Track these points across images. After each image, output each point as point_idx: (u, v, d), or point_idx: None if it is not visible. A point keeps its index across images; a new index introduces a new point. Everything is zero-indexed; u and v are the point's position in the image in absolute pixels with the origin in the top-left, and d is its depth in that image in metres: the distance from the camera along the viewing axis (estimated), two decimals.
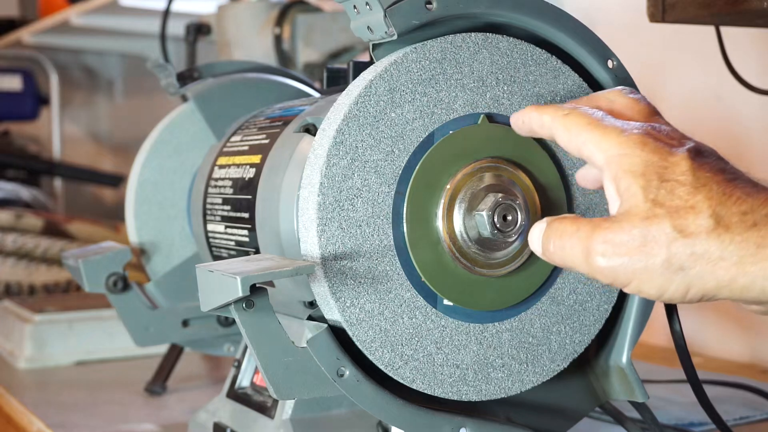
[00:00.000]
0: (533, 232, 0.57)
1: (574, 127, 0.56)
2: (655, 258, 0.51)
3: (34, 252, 1.74)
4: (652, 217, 0.51)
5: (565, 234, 0.55)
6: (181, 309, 0.94)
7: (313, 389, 0.60)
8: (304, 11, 1.42)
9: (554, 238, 0.55)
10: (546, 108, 0.59)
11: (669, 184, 0.52)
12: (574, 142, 0.56)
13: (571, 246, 0.54)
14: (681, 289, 0.51)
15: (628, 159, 0.53)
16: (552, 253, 0.56)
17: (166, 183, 0.95)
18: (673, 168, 0.52)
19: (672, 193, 0.51)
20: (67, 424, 0.93)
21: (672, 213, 0.51)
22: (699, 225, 0.50)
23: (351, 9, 0.61)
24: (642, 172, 0.52)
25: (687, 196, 0.51)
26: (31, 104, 2.95)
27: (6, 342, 1.27)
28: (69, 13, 2.23)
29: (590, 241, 0.53)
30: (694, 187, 0.51)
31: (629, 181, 0.53)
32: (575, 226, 0.54)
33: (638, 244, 0.51)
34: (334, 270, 0.59)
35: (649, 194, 0.52)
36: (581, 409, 0.70)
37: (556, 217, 0.56)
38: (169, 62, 1.02)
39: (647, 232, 0.51)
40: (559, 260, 0.55)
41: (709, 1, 0.83)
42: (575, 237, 0.54)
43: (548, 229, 0.56)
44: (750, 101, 1.13)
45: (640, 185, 0.52)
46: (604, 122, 0.55)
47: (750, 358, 1.20)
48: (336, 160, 0.59)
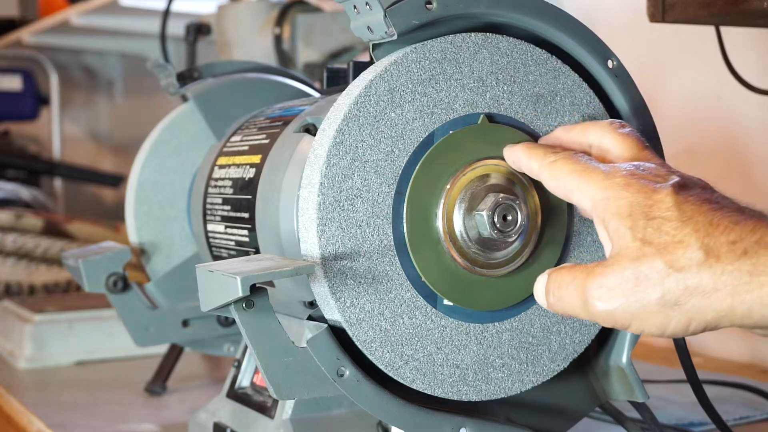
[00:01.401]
0: (537, 285, 0.58)
1: (561, 174, 0.57)
2: (650, 296, 0.51)
3: (34, 252, 1.74)
4: (642, 256, 0.52)
5: (562, 284, 0.55)
6: (181, 309, 0.94)
7: (313, 389, 0.60)
8: (304, 11, 1.42)
9: (553, 290, 0.56)
10: (534, 152, 0.60)
11: (656, 221, 0.52)
12: (562, 189, 0.58)
13: (569, 295, 0.55)
14: (682, 323, 0.52)
15: (614, 202, 0.54)
16: (553, 304, 0.57)
17: (166, 183, 0.95)
18: (659, 205, 0.53)
19: (659, 230, 0.52)
20: (67, 424, 0.93)
21: (661, 249, 0.51)
22: (689, 258, 0.50)
23: (351, 9, 0.61)
24: (628, 213, 0.53)
25: (674, 231, 0.51)
26: (31, 104, 2.95)
27: (6, 342, 1.27)
28: (69, 13, 2.23)
29: (585, 289, 0.54)
30: (681, 221, 0.51)
31: (616, 223, 0.53)
32: (571, 275, 0.55)
33: (632, 285, 0.52)
34: (334, 270, 0.59)
35: (637, 233, 0.52)
36: (581, 409, 0.70)
37: (555, 268, 0.57)
38: (169, 62, 1.02)
39: (639, 271, 0.52)
40: (561, 310, 0.56)
41: (709, 1, 0.83)
42: (572, 286, 0.55)
43: (548, 282, 0.57)
44: (750, 101, 1.13)
45: (627, 226, 0.53)
46: (589, 167, 0.56)
47: (750, 358, 1.20)
48: (336, 160, 0.59)
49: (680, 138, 1.23)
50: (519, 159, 0.61)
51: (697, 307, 0.51)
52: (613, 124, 0.60)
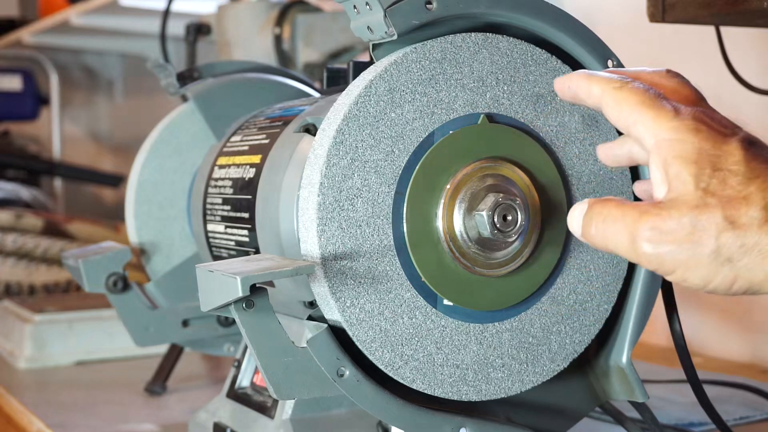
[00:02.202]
0: (573, 212, 0.55)
1: (626, 104, 0.54)
2: (704, 248, 0.50)
3: (34, 252, 1.74)
4: (703, 206, 0.50)
5: (609, 218, 0.53)
6: (181, 309, 0.94)
7: (313, 389, 0.60)
8: (304, 11, 1.42)
9: (597, 221, 0.53)
10: (596, 77, 0.56)
11: (721, 173, 0.50)
12: (624, 119, 0.54)
13: (614, 231, 0.52)
14: (727, 280, 0.50)
15: (681, 145, 0.51)
16: (593, 236, 0.54)
17: (166, 183, 0.95)
18: (726, 157, 0.51)
19: (724, 183, 0.50)
20: (67, 424, 0.93)
21: (724, 203, 0.50)
22: (751, 217, 0.49)
23: (351, 9, 0.61)
24: (695, 159, 0.51)
25: (739, 187, 0.50)
26: (31, 104, 2.95)
27: (6, 342, 1.27)
28: (69, 13, 2.23)
29: (637, 227, 0.51)
30: (747, 178, 0.50)
31: (680, 168, 0.51)
32: (620, 211, 0.53)
33: (687, 233, 0.50)
34: (334, 270, 0.59)
35: (701, 183, 0.50)
36: (581, 409, 0.70)
37: (599, 198, 0.55)
38: (169, 62, 1.02)
39: (697, 221, 0.50)
40: (601, 243, 0.54)
41: (709, 1, 0.83)
42: (620, 222, 0.52)
43: (590, 211, 0.54)
44: (750, 101, 1.13)
45: (691, 173, 0.51)
46: (657, 102, 0.53)
47: (750, 358, 1.20)
48: (336, 160, 0.59)
49: None
50: (577, 83, 0.57)
51: (748, 266, 0.50)
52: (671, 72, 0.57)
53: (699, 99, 0.57)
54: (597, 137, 0.66)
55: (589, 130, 0.66)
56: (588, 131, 0.66)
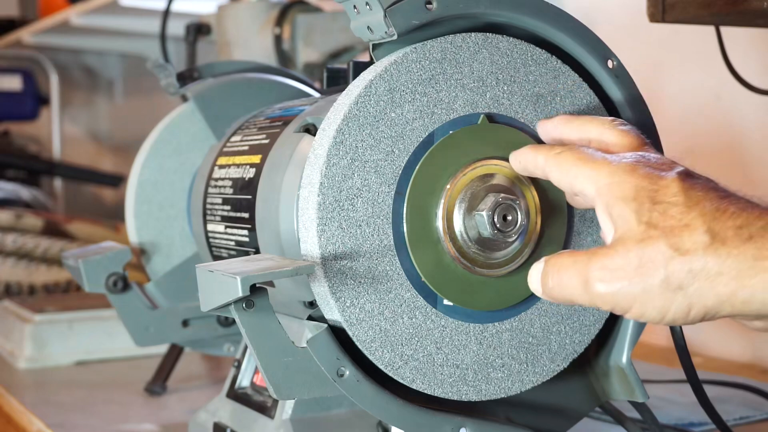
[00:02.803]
0: (532, 273, 0.57)
1: (565, 163, 0.57)
2: (653, 278, 0.51)
3: (34, 252, 1.74)
4: (647, 239, 0.51)
5: (562, 267, 0.55)
6: (181, 309, 0.94)
7: (313, 389, 0.60)
8: (304, 11, 1.42)
9: (552, 274, 0.55)
10: (540, 148, 0.59)
11: (661, 206, 0.52)
12: (566, 178, 0.57)
13: (569, 278, 0.54)
14: (682, 308, 0.51)
15: (618, 186, 0.53)
16: (551, 289, 0.56)
17: (166, 183, 0.95)
18: (665, 190, 0.52)
19: (665, 214, 0.51)
20: (67, 424, 0.93)
21: (667, 232, 0.51)
22: (695, 242, 0.50)
23: (351, 9, 0.61)
24: (633, 196, 0.53)
25: (680, 216, 0.51)
26: (31, 104, 2.95)
27: (6, 342, 1.27)
28: (69, 13, 2.23)
29: (587, 270, 0.53)
30: (687, 206, 0.51)
31: (621, 207, 0.53)
32: (572, 258, 0.54)
33: (635, 267, 0.51)
34: (334, 270, 0.59)
35: (642, 217, 0.52)
36: (581, 409, 0.70)
37: (552, 255, 0.57)
38: (169, 62, 1.02)
39: (643, 253, 0.51)
40: (559, 295, 0.55)
41: (709, 1, 0.83)
42: (573, 269, 0.54)
43: (546, 267, 0.56)
44: (750, 101, 1.13)
45: (632, 209, 0.52)
46: (594, 156, 0.56)
47: (750, 358, 1.20)
48: (336, 160, 0.59)
49: (680, 138, 1.23)
50: (525, 158, 0.60)
51: (699, 291, 0.50)
52: (615, 121, 0.60)
53: (642, 144, 0.59)
54: None
55: None
56: None
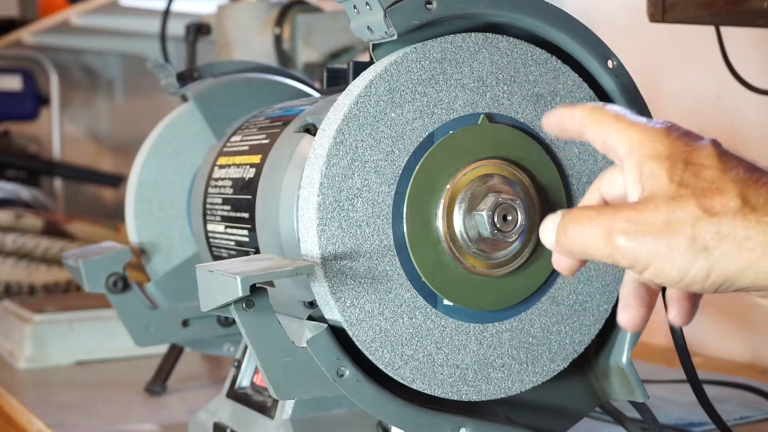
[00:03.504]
0: (546, 222, 0.55)
1: (602, 120, 0.56)
2: (680, 237, 0.50)
3: (34, 252, 1.74)
4: (678, 197, 0.51)
5: (585, 218, 0.53)
6: (181, 309, 0.94)
7: (313, 389, 0.60)
8: (304, 11, 1.42)
9: (573, 224, 0.54)
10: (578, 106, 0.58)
11: (694, 166, 0.51)
12: (601, 134, 0.56)
13: (591, 228, 0.53)
14: (703, 271, 0.50)
15: (652, 145, 0.53)
16: (569, 238, 0.54)
17: (166, 183, 0.95)
18: (698, 152, 0.52)
19: (697, 176, 0.51)
20: (67, 424, 0.93)
21: (698, 193, 0.50)
22: (725, 205, 0.50)
23: (351, 9, 0.61)
24: (666, 155, 0.52)
25: (713, 178, 0.51)
26: (31, 104, 2.95)
27: (6, 342, 1.27)
28: (69, 13, 2.23)
29: (613, 221, 0.52)
30: (720, 170, 0.51)
31: (653, 165, 0.52)
32: (596, 211, 0.53)
33: (662, 223, 0.50)
34: (334, 270, 0.59)
35: (674, 176, 0.51)
36: (581, 409, 0.70)
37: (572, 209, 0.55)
38: (169, 62, 1.02)
39: (672, 211, 0.50)
40: (577, 245, 0.53)
41: (709, 1, 0.83)
42: (596, 220, 0.53)
43: (565, 218, 0.54)
44: (750, 101, 1.13)
45: (665, 168, 0.51)
46: (630, 117, 0.55)
47: (750, 358, 1.20)
48: (336, 160, 0.59)
49: None
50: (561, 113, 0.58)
51: (723, 255, 0.50)
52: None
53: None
54: None
55: None
56: None
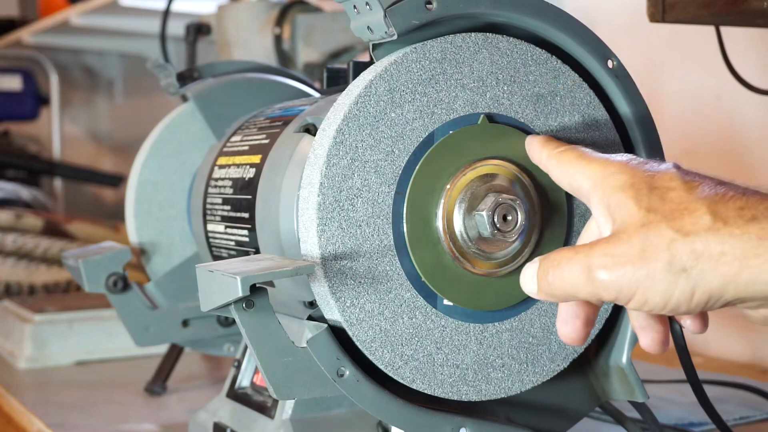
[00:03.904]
0: (525, 273, 0.56)
1: (566, 161, 0.58)
2: (657, 262, 0.50)
3: (34, 252, 1.74)
4: (648, 223, 0.51)
5: (563, 260, 0.54)
6: (181, 309, 0.94)
7: (313, 389, 0.60)
8: (304, 11, 1.42)
9: (551, 269, 0.54)
10: (547, 144, 0.61)
11: (659, 190, 0.52)
12: (566, 175, 0.58)
13: (570, 269, 0.53)
14: (686, 292, 0.50)
15: (614, 177, 0.54)
16: (550, 283, 0.54)
17: (166, 183, 0.95)
18: (661, 176, 0.52)
19: (664, 198, 0.51)
20: (67, 424, 0.93)
21: (667, 215, 0.51)
22: (696, 223, 0.50)
23: (351, 9, 0.61)
24: (630, 184, 0.53)
25: (679, 199, 0.51)
26: (31, 104, 2.95)
27: (6, 342, 1.27)
28: (69, 13, 2.23)
29: (590, 258, 0.52)
30: (686, 191, 0.51)
31: (618, 196, 0.53)
32: (572, 251, 0.54)
33: (638, 251, 0.51)
34: (334, 270, 0.59)
35: (641, 203, 0.52)
36: (581, 409, 0.70)
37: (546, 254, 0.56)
38: (169, 62, 1.02)
39: (645, 237, 0.51)
40: (559, 288, 0.54)
41: (709, 1, 0.83)
42: (574, 260, 0.53)
43: (543, 263, 0.55)
44: (750, 101, 1.13)
45: (630, 196, 0.52)
46: (592, 155, 0.57)
47: (750, 358, 1.20)
48: (336, 160, 0.59)
49: (680, 138, 1.23)
50: (534, 148, 0.62)
51: (702, 273, 0.50)
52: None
53: None
54: (597, 137, 0.66)
55: (589, 130, 0.66)
56: (588, 131, 0.66)
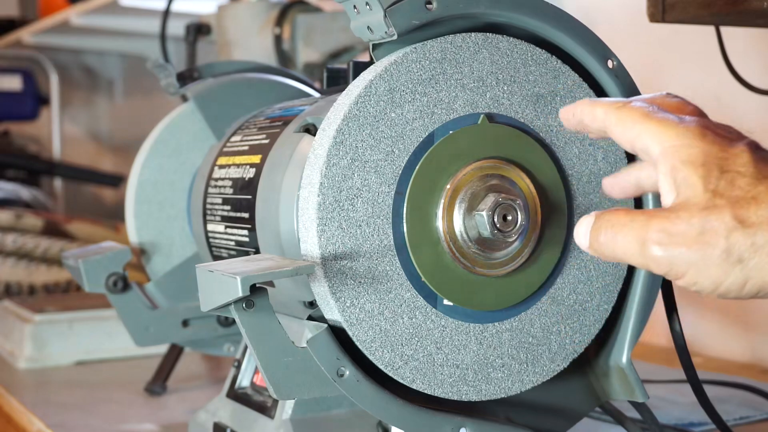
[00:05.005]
0: (580, 226, 0.55)
1: (629, 119, 0.54)
2: (714, 249, 0.49)
3: (34, 252, 1.74)
4: (712, 207, 0.50)
5: (617, 224, 0.53)
6: (181, 309, 0.94)
7: (313, 389, 0.60)
8: (304, 11, 1.42)
9: (605, 229, 0.53)
10: (599, 101, 0.57)
11: (729, 174, 0.50)
12: (628, 134, 0.54)
13: (624, 236, 0.52)
14: (738, 281, 0.50)
15: (687, 150, 0.51)
16: (602, 244, 0.53)
17: (166, 183, 0.95)
18: (734, 159, 0.51)
19: (732, 184, 0.50)
20: (67, 424, 0.93)
21: (733, 203, 0.49)
22: (760, 216, 0.49)
23: (351, 9, 0.61)
24: (702, 162, 0.51)
25: (748, 187, 0.50)
26: (31, 104, 2.95)
27: (6, 342, 1.27)
28: (69, 13, 2.23)
29: (646, 231, 0.51)
30: (756, 179, 0.50)
31: (688, 172, 0.51)
32: (629, 217, 0.52)
33: (697, 234, 0.50)
34: (334, 270, 0.59)
35: (709, 185, 0.50)
36: (581, 409, 0.70)
37: (606, 210, 0.54)
38: (169, 62, 1.02)
39: (706, 222, 0.50)
40: (610, 252, 0.53)
41: (709, 1, 0.83)
42: (629, 227, 0.52)
43: (598, 221, 0.54)
44: (750, 101, 1.13)
45: (699, 175, 0.50)
46: (660, 114, 0.54)
47: (750, 358, 1.20)
48: (336, 160, 0.59)
49: None
50: (581, 110, 0.58)
51: (759, 266, 0.49)
52: (670, 94, 0.58)
53: (701, 114, 0.57)
54: None
55: None
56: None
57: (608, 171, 0.67)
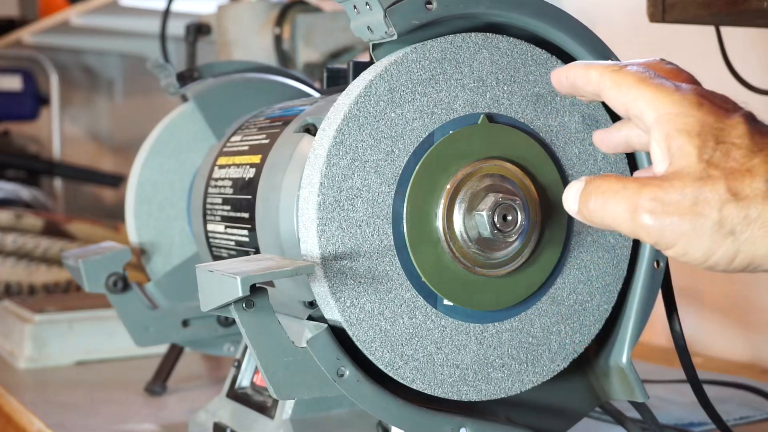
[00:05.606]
0: (569, 190, 0.54)
1: (624, 83, 0.54)
2: (706, 219, 0.49)
3: (34, 252, 1.74)
4: (706, 178, 0.49)
5: (608, 191, 0.52)
6: (181, 309, 0.94)
7: (313, 389, 0.60)
8: (304, 11, 1.42)
9: (596, 195, 0.52)
10: (593, 64, 0.56)
11: (725, 146, 0.50)
12: (623, 98, 0.54)
13: (615, 203, 0.51)
14: (729, 254, 0.50)
15: (683, 118, 0.51)
16: (591, 210, 0.53)
17: (166, 183, 0.95)
18: (730, 130, 0.50)
19: (727, 156, 0.50)
20: (67, 424, 0.93)
21: (727, 175, 0.49)
22: (755, 189, 0.49)
23: (351, 9, 0.61)
24: (698, 132, 0.50)
25: (743, 160, 0.49)
26: (31, 104, 2.95)
27: (6, 342, 1.27)
28: (69, 13, 2.23)
29: (638, 199, 0.51)
30: (751, 151, 0.50)
31: (683, 141, 0.50)
32: (621, 184, 0.52)
33: (689, 204, 0.49)
34: (334, 270, 0.59)
35: (704, 155, 0.50)
36: (581, 409, 0.70)
37: (597, 175, 0.53)
38: (169, 62, 1.02)
39: (699, 192, 0.49)
40: (599, 219, 0.53)
41: (709, 1, 0.83)
42: (620, 194, 0.51)
43: (588, 186, 0.53)
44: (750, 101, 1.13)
45: (695, 145, 0.50)
46: (656, 80, 0.53)
47: (750, 358, 1.20)
48: (336, 160, 0.59)
49: None
50: (574, 72, 0.57)
51: (751, 240, 0.49)
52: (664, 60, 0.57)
53: (695, 81, 0.56)
54: None
55: (589, 130, 0.66)
56: (588, 131, 0.66)
57: (608, 171, 0.67)
